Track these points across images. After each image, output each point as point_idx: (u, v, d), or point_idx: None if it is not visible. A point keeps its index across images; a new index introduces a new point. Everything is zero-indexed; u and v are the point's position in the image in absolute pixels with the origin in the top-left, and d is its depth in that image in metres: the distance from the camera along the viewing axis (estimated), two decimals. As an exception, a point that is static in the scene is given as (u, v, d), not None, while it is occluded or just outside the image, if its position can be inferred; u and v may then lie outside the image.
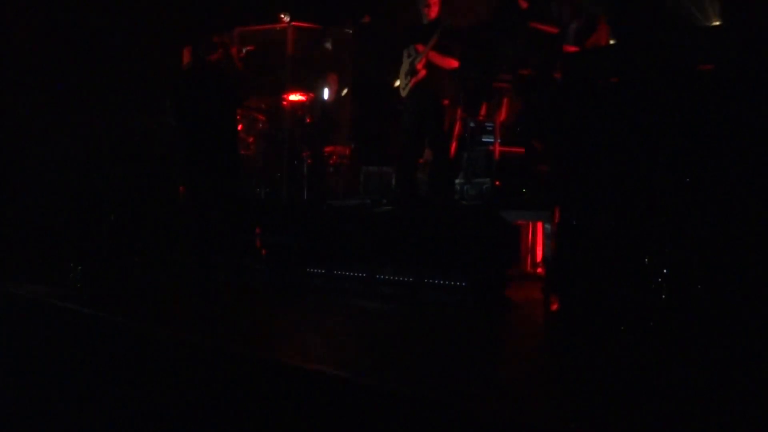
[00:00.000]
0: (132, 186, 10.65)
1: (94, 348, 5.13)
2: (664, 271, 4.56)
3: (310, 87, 9.91)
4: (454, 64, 7.52)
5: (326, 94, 9.90)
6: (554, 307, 5.31)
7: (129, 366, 4.75)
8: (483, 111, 8.37)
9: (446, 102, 7.54)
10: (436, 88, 7.46)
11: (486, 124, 8.18)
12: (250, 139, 10.40)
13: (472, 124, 8.09)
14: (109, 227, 10.26)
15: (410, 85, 7.56)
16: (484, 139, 8.11)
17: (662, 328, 4.49)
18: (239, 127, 10.32)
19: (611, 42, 6.99)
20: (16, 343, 6.03)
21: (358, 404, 3.33)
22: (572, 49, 6.59)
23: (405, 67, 7.67)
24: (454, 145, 7.77)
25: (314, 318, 5.76)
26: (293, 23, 9.72)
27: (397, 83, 7.79)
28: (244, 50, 10.09)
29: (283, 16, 9.76)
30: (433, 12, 7.57)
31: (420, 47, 7.48)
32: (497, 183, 7.16)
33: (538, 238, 7.34)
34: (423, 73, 7.44)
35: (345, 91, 10.11)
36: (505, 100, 7.66)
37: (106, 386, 4.80)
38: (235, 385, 4.01)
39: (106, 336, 5.06)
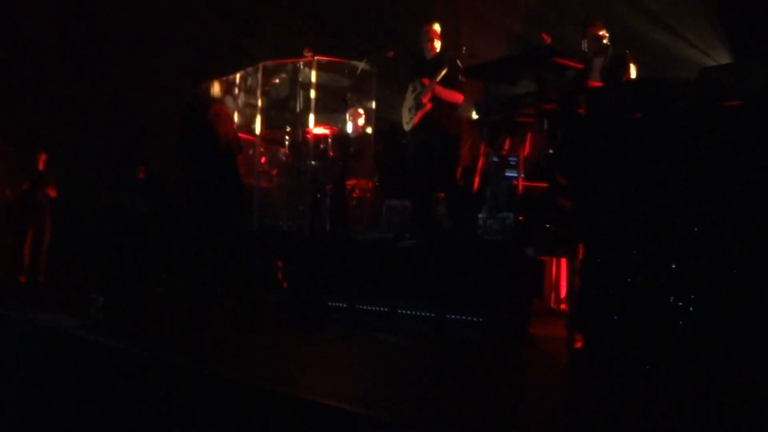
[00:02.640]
0: (152, 215, 10.71)
1: (113, 380, 5.11)
2: (690, 309, 4.49)
3: (334, 121, 9.96)
4: (459, 98, 7.58)
5: (350, 127, 9.94)
6: (578, 344, 5.24)
7: (147, 398, 4.72)
8: (506, 145, 8.35)
9: (453, 133, 7.60)
10: (442, 122, 7.51)
11: (509, 158, 8.15)
12: (273, 172, 10.44)
13: (495, 159, 8.06)
14: (131, 257, 10.32)
15: (416, 118, 7.60)
16: (507, 174, 8.07)
17: (689, 368, 4.41)
18: (262, 160, 10.40)
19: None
20: (32, 373, 6.03)
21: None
22: (597, 84, 6.56)
23: (408, 102, 7.73)
24: (477, 180, 7.76)
25: (335, 352, 5.72)
26: (317, 57, 9.80)
27: (405, 121, 7.83)
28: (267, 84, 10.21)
29: (307, 50, 9.84)
30: (436, 47, 7.67)
31: (426, 81, 7.53)
32: (521, 218, 7.11)
33: (561, 274, 7.27)
34: (429, 106, 7.49)
35: (369, 129, 10.15)
36: (528, 135, 7.64)
37: (122, 419, 4.78)
38: (255, 419, 3.97)
39: (124, 368, 5.04)
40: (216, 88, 7.14)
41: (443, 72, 7.46)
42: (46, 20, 14.30)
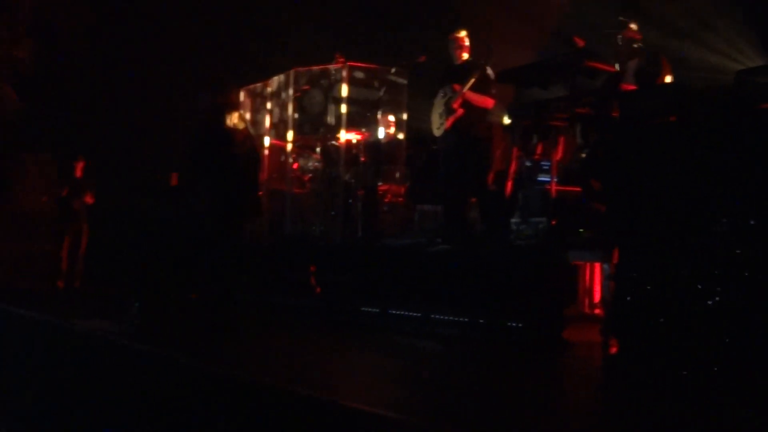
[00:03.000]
0: (183, 220, 10.79)
1: (148, 384, 5.16)
2: (728, 313, 4.43)
3: (366, 126, 9.99)
4: (490, 103, 7.61)
5: (381, 133, 9.96)
6: (613, 349, 5.19)
7: (184, 403, 4.76)
8: (539, 150, 8.31)
9: (484, 137, 7.61)
10: (473, 126, 7.53)
11: (542, 162, 8.11)
12: (306, 177, 10.50)
13: (528, 163, 8.03)
14: (165, 262, 10.41)
15: (447, 124, 7.63)
16: (540, 178, 8.03)
17: (727, 373, 4.35)
18: (295, 166, 10.46)
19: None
20: (71, 378, 6.11)
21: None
22: (630, 87, 6.51)
23: (439, 107, 7.75)
24: (510, 184, 7.75)
25: (367, 357, 5.73)
26: (349, 63, 9.83)
27: (436, 127, 7.84)
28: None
29: (338, 56, 9.88)
30: (465, 53, 7.71)
31: (457, 87, 7.55)
32: (554, 222, 7.07)
33: (596, 279, 7.21)
34: (461, 111, 7.51)
35: (401, 135, 10.16)
36: (561, 139, 7.60)
37: (159, 423, 4.82)
38: (289, 423, 3.99)
39: (160, 373, 5.09)
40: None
41: (473, 79, 7.47)
42: (83, 31, 14.54)
